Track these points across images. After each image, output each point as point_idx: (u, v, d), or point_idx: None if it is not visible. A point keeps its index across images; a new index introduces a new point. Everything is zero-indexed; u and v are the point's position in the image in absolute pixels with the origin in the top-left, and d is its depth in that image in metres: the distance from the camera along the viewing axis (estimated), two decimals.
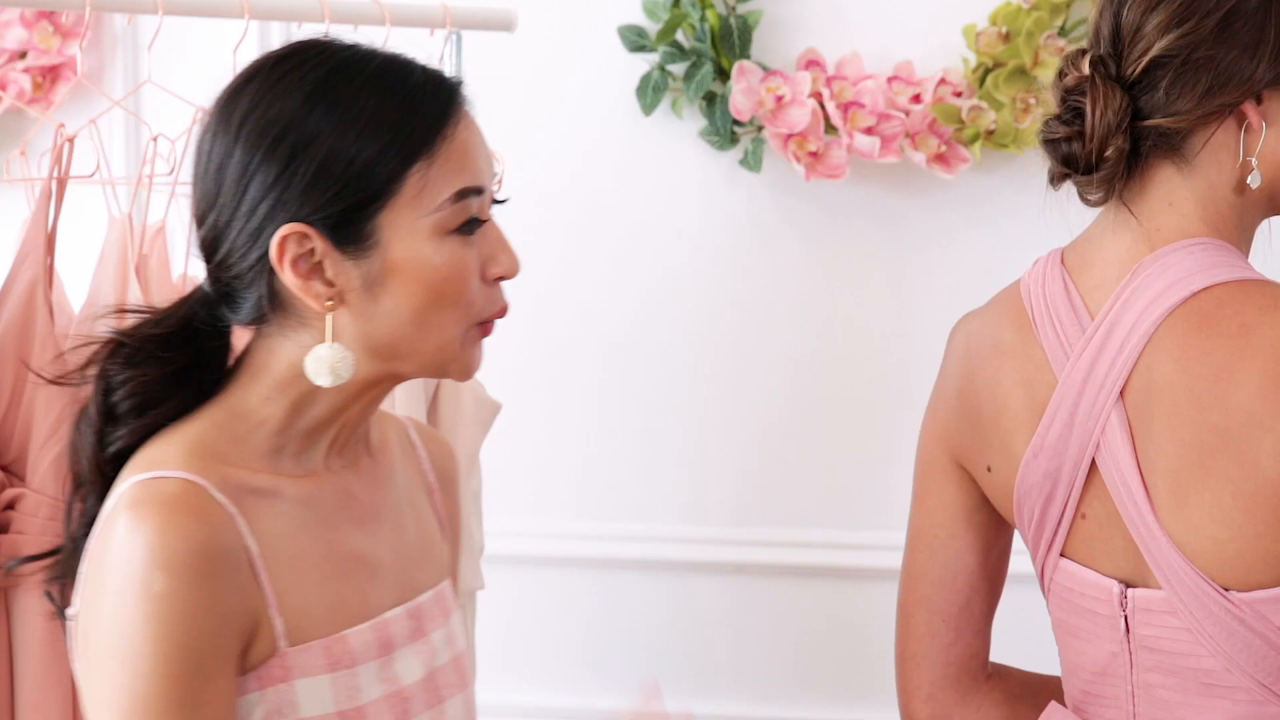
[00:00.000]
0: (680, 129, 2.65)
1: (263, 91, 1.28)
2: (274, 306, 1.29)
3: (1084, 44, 1.43)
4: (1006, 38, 2.54)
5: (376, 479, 1.39)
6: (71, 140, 1.87)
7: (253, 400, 1.30)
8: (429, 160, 1.27)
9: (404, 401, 2.08)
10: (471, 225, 1.28)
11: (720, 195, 2.67)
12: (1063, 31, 2.54)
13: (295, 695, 1.25)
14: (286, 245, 1.26)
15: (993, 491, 1.50)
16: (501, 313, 1.32)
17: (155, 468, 1.24)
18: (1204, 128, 1.37)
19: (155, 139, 1.98)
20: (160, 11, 1.94)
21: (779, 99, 2.55)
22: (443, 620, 1.39)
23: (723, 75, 2.60)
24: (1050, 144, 1.40)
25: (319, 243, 1.26)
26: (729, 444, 2.73)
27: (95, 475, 1.31)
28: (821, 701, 2.72)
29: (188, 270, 2.07)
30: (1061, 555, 1.45)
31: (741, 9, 2.60)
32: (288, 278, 1.26)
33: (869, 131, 2.55)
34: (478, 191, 1.29)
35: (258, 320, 1.31)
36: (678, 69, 2.63)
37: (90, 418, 1.31)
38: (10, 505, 1.85)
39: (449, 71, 1.35)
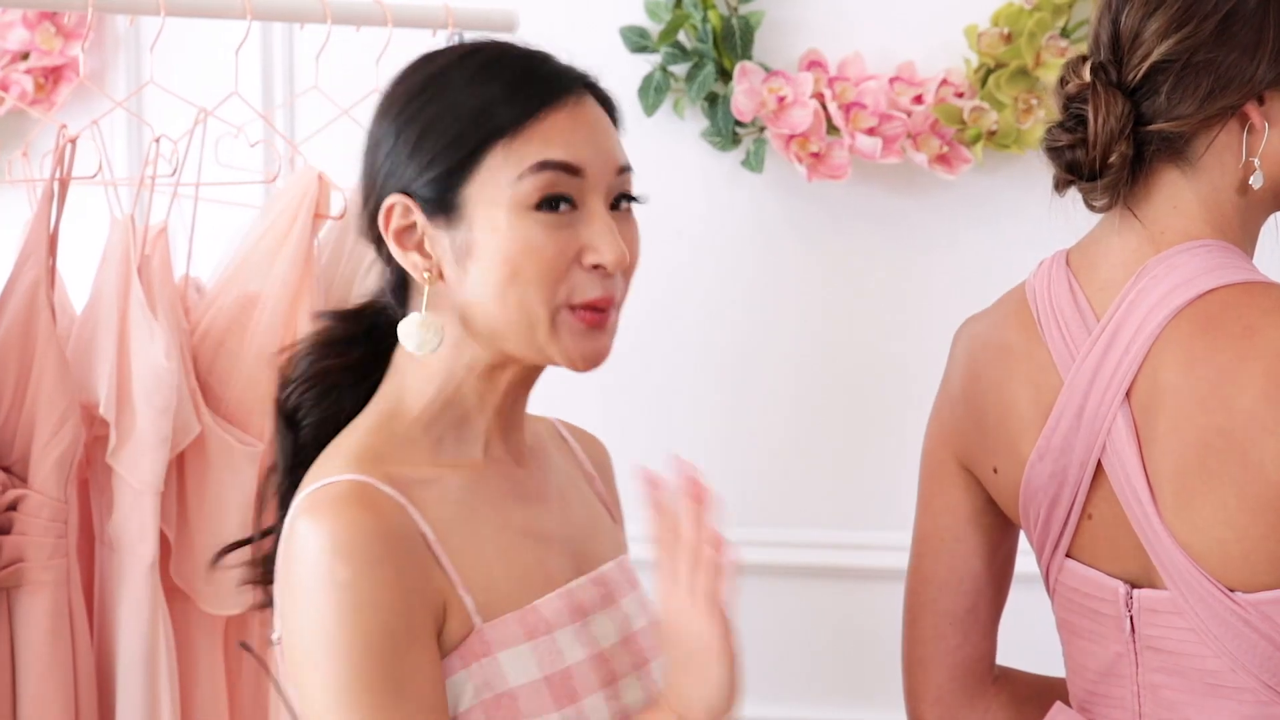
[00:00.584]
0: (682, 130, 2.65)
1: (404, 75, 1.37)
2: (398, 286, 1.36)
3: (1085, 49, 1.43)
4: (1008, 38, 2.53)
5: (538, 467, 1.43)
6: (74, 141, 1.87)
7: (406, 397, 1.35)
8: (513, 136, 1.30)
9: None
10: (554, 202, 1.30)
11: (722, 196, 2.67)
12: (1064, 32, 2.54)
13: (500, 667, 1.29)
14: (391, 216, 1.33)
15: (999, 493, 1.50)
16: (598, 303, 1.32)
17: (322, 478, 1.30)
18: (1206, 130, 1.37)
19: (158, 140, 1.98)
20: (162, 13, 1.94)
21: (781, 100, 2.55)
22: (630, 588, 1.43)
23: (725, 76, 2.60)
24: (1054, 152, 1.40)
25: (418, 214, 1.32)
26: (731, 445, 2.73)
27: (294, 463, 1.38)
28: (827, 702, 2.72)
29: (189, 271, 2.07)
30: (1067, 556, 1.45)
31: (743, 10, 2.60)
32: (392, 248, 1.33)
33: (871, 132, 2.55)
34: (566, 169, 1.31)
35: (397, 301, 1.37)
36: (680, 70, 2.63)
37: (283, 427, 1.39)
38: (12, 506, 1.85)
39: (588, 71, 1.37)
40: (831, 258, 2.66)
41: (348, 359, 1.40)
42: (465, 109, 1.31)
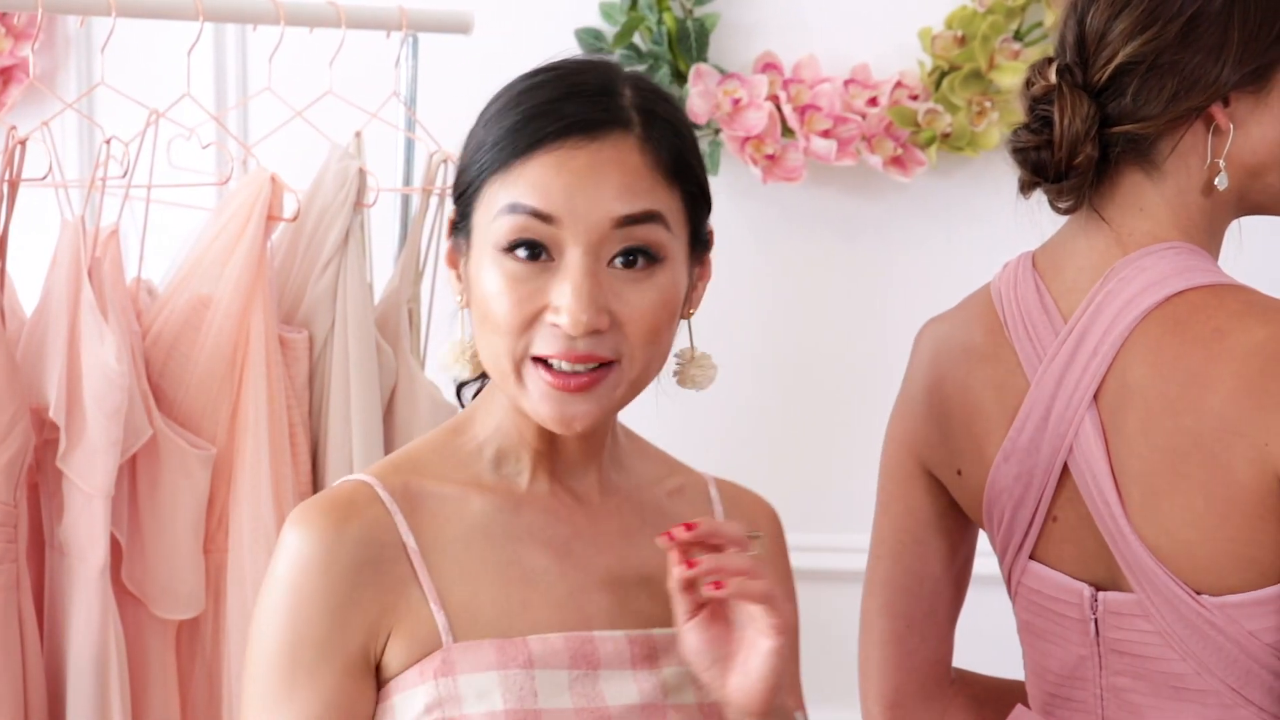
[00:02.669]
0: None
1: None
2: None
3: (1039, 52, 1.43)
4: (962, 41, 2.54)
5: (617, 510, 1.36)
6: (23, 143, 1.85)
7: (477, 413, 1.35)
8: (504, 173, 1.27)
9: (358, 402, 2.07)
10: (518, 246, 1.24)
11: None
12: (1018, 35, 2.55)
13: (458, 690, 1.26)
14: (451, 230, 1.32)
15: (962, 495, 1.50)
16: (556, 357, 1.24)
17: (354, 474, 1.32)
18: (1172, 132, 1.37)
19: (108, 141, 1.97)
20: (113, 13, 1.93)
21: (736, 102, 2.55)
22: (679, 659, 1.30)
23: (680, 78, 2.60)
24: (1019, 153, 1.40)
25: (452, 235, 1.32)
26: (686, 448, 2.72)
27: None
28: None
29: (141, 273, 2.06)
30: (1030, 558, 1.45)
31: (698, 12, 2.60)
32: (447, 263, 1.33)
33: (826, 134, 2.55)
34: (535, 214, 1.24)
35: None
36: None
37: None
38: None
39: (618, 106, 1.28)
40: (786, 260, 2.66)
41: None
42: (489, 131, 1.29)
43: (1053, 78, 1.38)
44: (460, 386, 1.41)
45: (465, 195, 1.30)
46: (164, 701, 1.99)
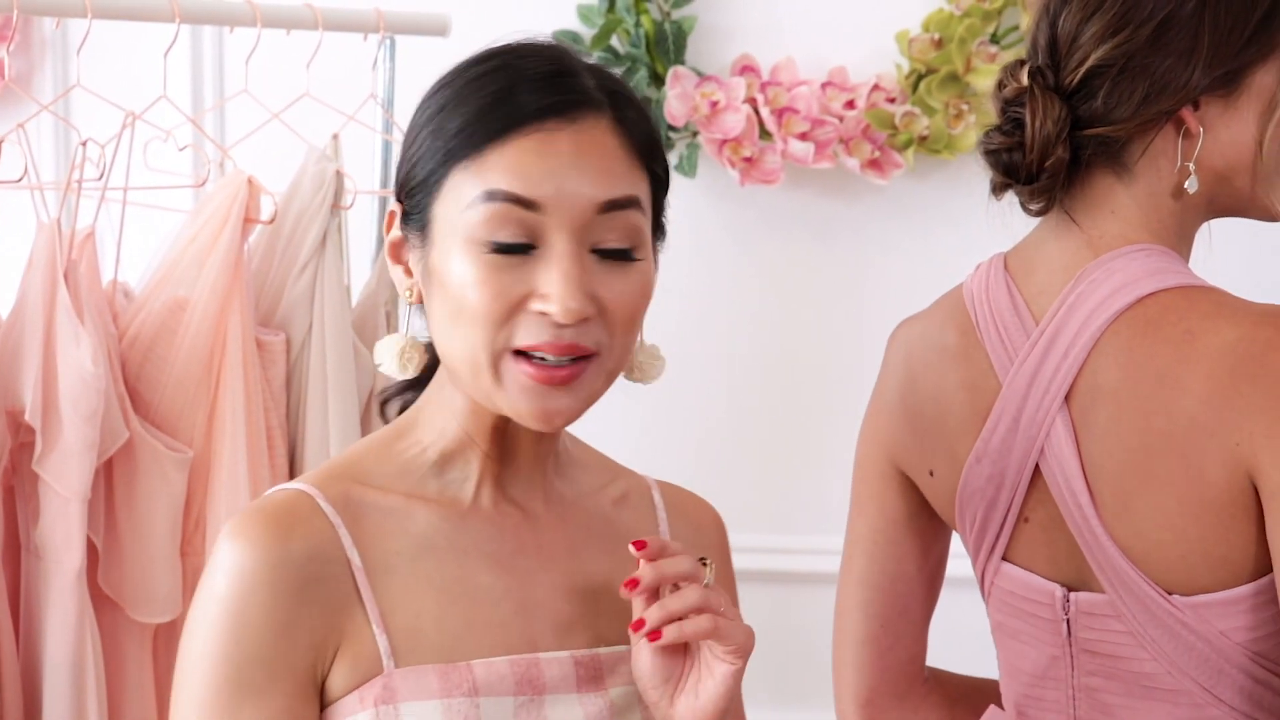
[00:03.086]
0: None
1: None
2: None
3: (1016, 55, 1.43)
4: (939, 44, 2.55)
5: (562, 522, 1.31)
6: None
7: (417, 418, 1.29)
8: (476, 158, 1.20)
9: (336, 405, 2.06)
10: (507, 246, 1.19)
11: None
12: (994, 38, 2.56)
13: (399, 718, 1.20)
14: (391, 224, 1.26)
15: (934, 496, 1.51)
16: (539, 348, 1.19)
17: (284, 483, 1.26)
18: (1142, 135, 1.38)
19: (84, 143, 1.96)
20: (89, 15, 1.92)
21: (713, 104, 2.55)
22: (627, 680, 1.28)
23: (657, 81, 2.60)
24: (991, 155, 1.41)
25: (401, 228, 1.25)
26: (664, 450, 2.72)
27: None
28: (760, 704, 2.71)
29: (117, 276, 2.05)
30: (1003, 559, 1.46)
31: (676, 15, 2.60)
32: (389, 258, 1.27)
33: (803, 137, 2.55)
34: (520, 202, 1.19)
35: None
36: None
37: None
38: None
39: (617, 90, 1.25)
40: (764, 262, 2.67)
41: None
42: (448, 118, 1.22)
43: (1024, 80, 1.38)
44: (384, 403, 1.36)
45: (422, 185, 1.22)
46: (140, 705, 1.98)
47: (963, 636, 1.87)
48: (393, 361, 1.26)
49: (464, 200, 1.20)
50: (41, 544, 1.91)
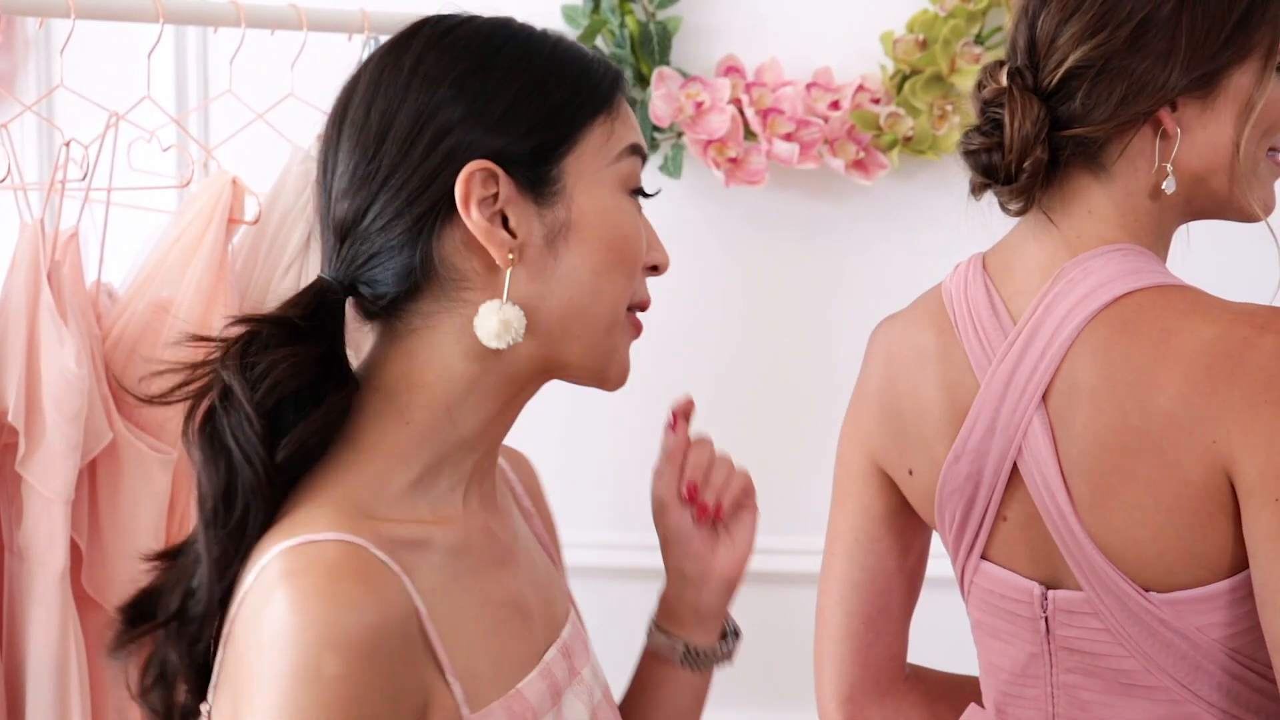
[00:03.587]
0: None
1: (437, 39, 1.20)
2: (423, 280, 1.17)
3: (1001, 55, 1.44)
4: (923, 45, 2.55)
5: (503, 514, 1.29)
6: None
7: (391, 428, 1.17)
8: (609, 112, 1.20)
9: None
10: (642, 194, 1.23)
11: (640, 201, 2.67)
12: (979, 39, 2.56)
13: None
14: (473, 184, 1.15)
15: (914, 495, 1.51)
16: (647, 304, 1.25)
17: (301, 532, 1.09)
18: (1120, 136, 1.39)
19: (68, 144, 1.96)
20: (73, 15, 1.92)
21: (698, 105, 2.56)
22: (585, 654, 1.30)
23: (642, 81, 2.60)
24: (970, 155, 1.42)
25: (505, 186, 1.16)
26: (649, 450, 2.72)
27: (265, 489, 1.13)
28: (744, 703, 2.72)
29: (101, 277, 2.05)
30: (982, 558, 1.46)
31: (661, 15, 2.61)
32: (474, 220, 1.15)
33: (788, 138, 2.56)
34: (643, 155, 1.23)
35: (398, 301, 1.18)
36: None
37: (250, 422, 1.13)
38: None
39: None
40: (749, 263, 2.67)
41: (310, 353, 1.17)
42: (564, 78, 1.19)
43: (1003, 81, 1.39)
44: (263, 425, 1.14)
45: (541, 146, 1.17)
46: (123, 706, 1.98)
47: (943, 635, 1.88)
48: (498, 324, 1.16)
49: (612, 151, 1.20)
50: (25, 545, 1.91)
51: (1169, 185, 1.39)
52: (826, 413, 2.19)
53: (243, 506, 1.14)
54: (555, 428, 2.73)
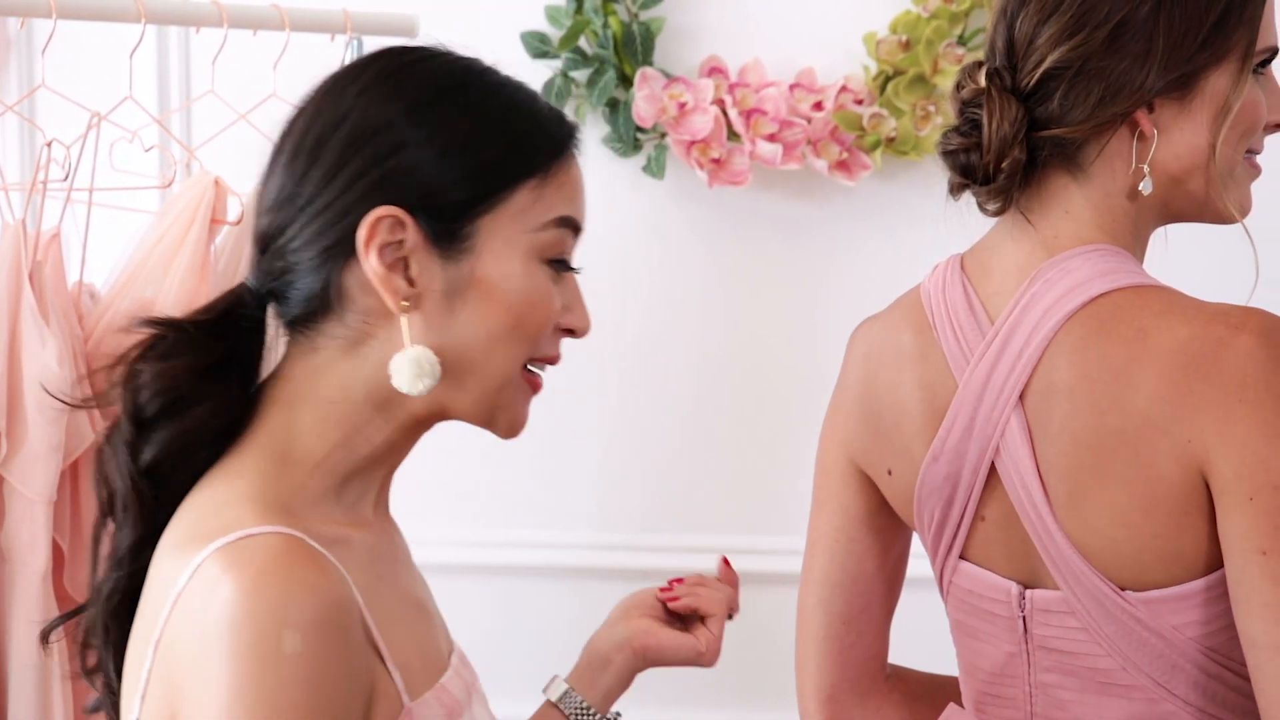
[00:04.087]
0: (583, 136, 2.65)
1: (393, 70, 1.21)
2: (324, 306, 1.19)
3: (982, 56, 1.45)
4: (906, 46, 2.56)
5: (394, 526, 1.32)
6: None
7: (301, 437, 1.19)
8: (544, 177, 1.20)
9: None
10: (563, 265, 1.22)
11: (623, 202, 2.67)
12: (962, 40, 2.57)
13: None
14: (378, 229, 1.16)
15: (893, 495, 1.52)
16: (556, 358, 1.25)
17: (234, 528, 1.11)
18: (1098, 137, 1.39)
19: (50, 144, 1.95)
20: (54, 15, 1.92)
21: (681, 106, 2.56)
22: (471, 667, 1.33)
23: (625, 82, 2.60)
24: (949, 155, 1.42)
25: (412, 234, 1.17)
26: (633, 451, 2.73)
27: (133, 496, 1.19)
28: (726, 704, 2.73)
29: (83, 277, 2.04)
30: (960, 558, 1.47)
31: (644, 16, 2.61)
32: (371, 264, 1.16)
33: (771, 138, 2.56)
34: (576, 228, 1.23)
35: (301, 319, 1.20)
36: (581, 75, 2.63)
37: (121, 427, 1.19)
38: None
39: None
40: (732, 263, 2.67)
41: (198, 362, 1.20)
42: (502, 136, 1.19)
43: (982, 81, 1.39)
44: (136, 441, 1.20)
45: (465, 200, 1.18)
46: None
47: (923, 635, 1.88)
48: (415, 375, 1.17)
49: (537, 219, 1.20)
50: (7, 546, 1.90)
51: (1146, 186, 1.39)
52: (809, 413, 2.19)
53: (121, 507, 1.20)
54: (538, 429, 2.73)
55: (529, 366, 1.24)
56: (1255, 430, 1.27)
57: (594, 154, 2.65)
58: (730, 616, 1.51)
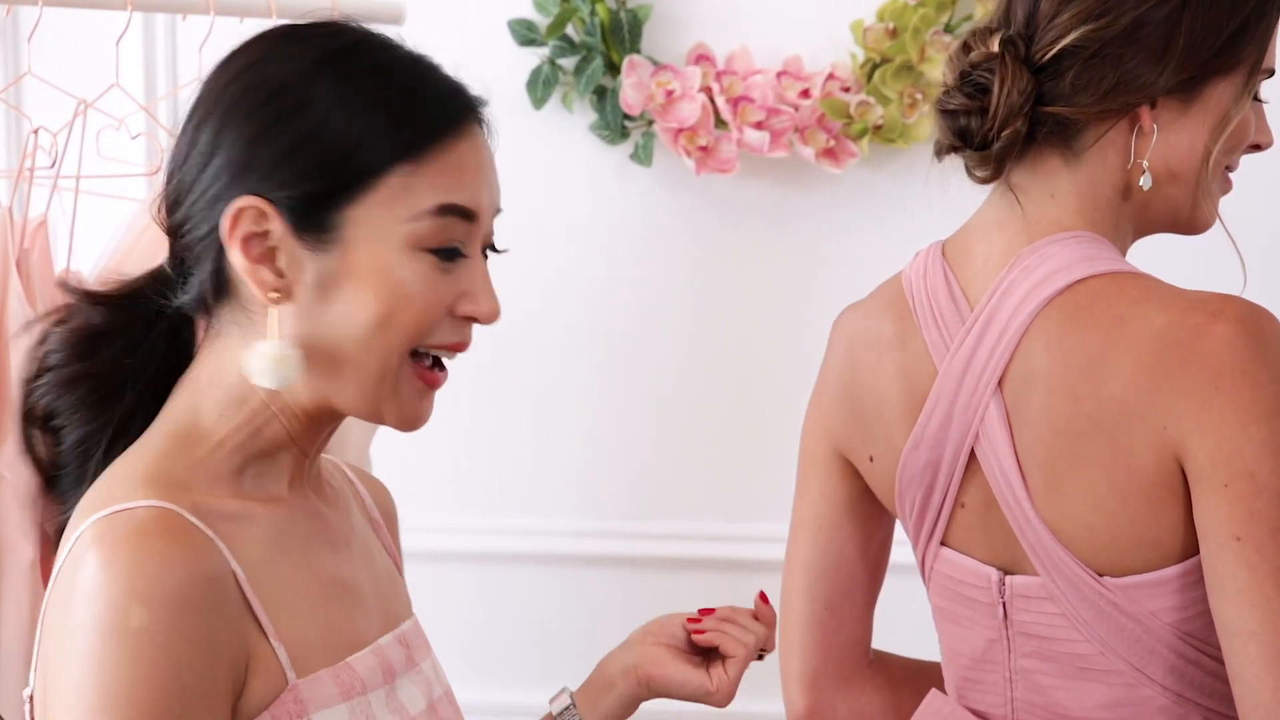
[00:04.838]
0: (571, 123, 2.65)
1: (268, 50, 1.20)
2: (217, 291, 1.19)
3: (986, 23, 1.43)
4: (894, 34, 2.56)
5: (340, 508, 1.31)
6: None
7: (205, 418, 1.20)
8: (417, 163, 1.17)
9: None
10: (452, 254, 1.18)
11: (611, 189, 2.67)
12: (949, 28, 2.57)
13: None
14: (241, 220, 1.16)
15: (875, 481, 1.52)
16: (455, 347, 1.21)
17: (115, 502, 1.12)
18: (1099, 124, 1.39)
19: (36, 132, 1.96)
20: (40, 2, 1.91)
21: (669, 93, 2.56)
22: (427, 650, 1.33)
23: (613, 69, 2.60)
24: (948, 115, 1.41)
25: (276, 224, 1.16)
26: (619, 438, 2.73)
27: (38, 466, 1.23)
28: None
29: (70, 265, 2.04)
30: (941, 544, 1.47)
31: (631, 3, 2.61)
32: (235, 257, 1.16)
33: (758, 126, 2.56)
34: (465, 215, 1.19)
35: (200, 304, 1.21)
36: (568, 63, 2.63)
37: (23, 406, 1.22)
38: None
39: (473, 89, 1.24)
40: (719, 251, 2.68)
41: (101, 362, 1.22)
42: (365, 117, 1.16)
43: (995, 47, 1.39)
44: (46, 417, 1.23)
45: (329, 187, 1.15)
46: None
47: (906, 621, 1.89)
48: (270, 370, 1.16)
49: (409, 209, 1.17)
50: None
51: (1145, 181, 1.40)
52: (794, 400, 2.20)
53: (46, 483, 1.24)
54: (524, 416, 2.74)
55: (422, 357, 1.20)
56: (1231, 417, 1.28)
57: (581, 141, 2.65)
58: (760, 656, 1.49)
